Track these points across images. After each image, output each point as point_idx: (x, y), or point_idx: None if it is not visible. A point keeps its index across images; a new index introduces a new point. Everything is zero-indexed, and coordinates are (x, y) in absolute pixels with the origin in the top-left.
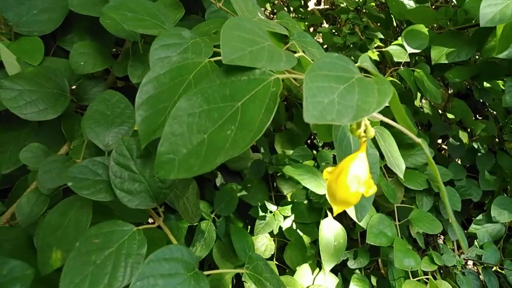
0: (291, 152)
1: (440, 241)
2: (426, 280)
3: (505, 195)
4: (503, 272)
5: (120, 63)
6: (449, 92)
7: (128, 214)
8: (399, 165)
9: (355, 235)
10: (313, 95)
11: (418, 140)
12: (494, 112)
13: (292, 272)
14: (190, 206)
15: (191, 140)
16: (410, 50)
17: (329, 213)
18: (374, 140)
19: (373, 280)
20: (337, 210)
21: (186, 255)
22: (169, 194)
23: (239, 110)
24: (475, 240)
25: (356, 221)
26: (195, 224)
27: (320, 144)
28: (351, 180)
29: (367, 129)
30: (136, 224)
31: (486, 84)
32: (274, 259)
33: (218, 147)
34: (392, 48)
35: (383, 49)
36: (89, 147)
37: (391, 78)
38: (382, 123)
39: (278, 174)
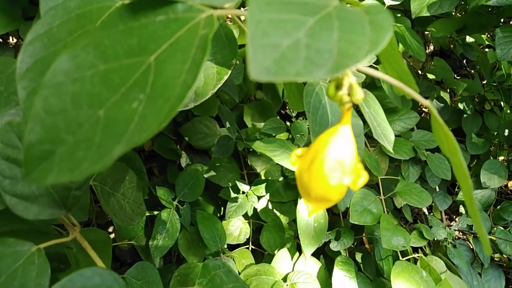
0: (262, 125)
1: (425, 211)
2: (417, 257)
3: (494, 159)
4: (493, 239)
5: (29, 24)
6: (427, 51)
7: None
8: (387, 135)
9: (336, 209)
10: (263, 34)
11: (426, 102)
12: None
13: (271, 256)
14: (129, 204)
15: (79, 120)
16: (389, 2)
17: None
18: (355, 107)
19: (358, 257)
20: (313, 209)
21: (108, 281)
22: (81, 197)
23: (151, 68)
24: (461, 206)
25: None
26: (155, 214)
27: (294, 114)
28: (331, 168)
29: (352, 89)
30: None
31: (468, 40)
32: (250, 244)
33: (119, 130)
34: (368, 2)
35: (358, 4)
36: None
37: None
38: (368, 85)
39: (250, 150)
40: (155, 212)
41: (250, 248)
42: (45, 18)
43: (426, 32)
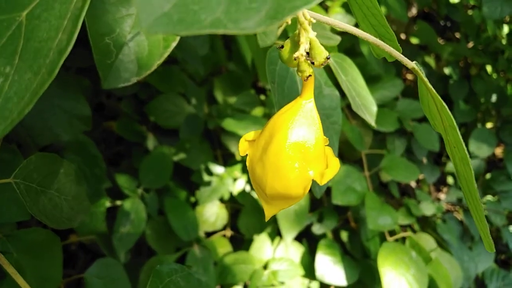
0: (234, 99)
1: (412, 184)
2: (405, 236)
3: (482, 126)
4: (485, 212)
5: None
6: (410, 15)
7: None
8: (368, 106)
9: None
10: None
11: (412, 64)
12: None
13: (251, 242)
14: (67, 201)
15: None
16: None
17: None
18: (331, 75)
19: (344, 236)
20: (270, 211)
21: None
22: None
23: (22, 29)
24: (450, 177)
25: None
26: (118, 204)
27: (269, 87)
28: (289, 155)
29: (313, 49)
30: None
31: (454, 0)
32: (229, 229)
33: None
34: None
35: None
36: None
37: None
38: (345, 51)
39: (223, 129)
40: (118, 202)
41: (229, 234)
42: None
43: None
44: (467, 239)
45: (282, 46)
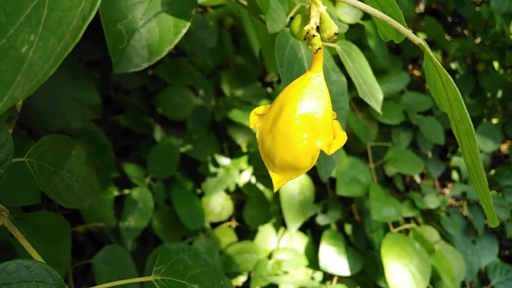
0: (241, 92)
1: (417, 179)
2: (409, 228)
3: (488, 121)
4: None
5: None
6: (418, 11)
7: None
8: (374, 94)
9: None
10: None
11: (418, 39)
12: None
13: (256, 233)
14: (78, 183)
15: None
16: None
17: None
18: (339, 63)
19: (348, 229)
20: (278, 182)
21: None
22: (3, 175)
23: (45, 0)
24: (455, 172)
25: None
26: (126, 193)
27: (276, 79)
28: (298, 126)
29: (323, 23)
30: None
31: None
32: (234, 220)
33: (3, 83)
34: None
35: None
36: None
37: None
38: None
39: (230, 121)
40: (126, 191)
41: (234, 225)
42: None
43: None
44: (471, 233)
45: (293, 18)
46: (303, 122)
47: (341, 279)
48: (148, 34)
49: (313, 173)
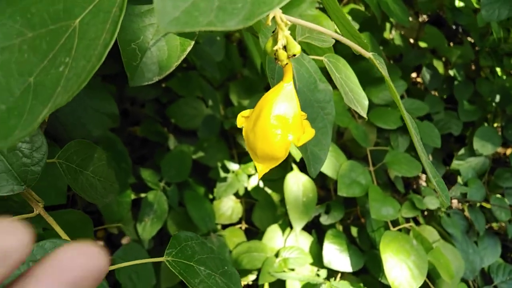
0: (248, 102)
1: (423, 182)
2: (409, 228)
3: (487, 125)
4: (489, 207)
5: None
6: (420, 20)
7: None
8: (360, 100)
9: (328, 184)
10: None
11: (368, 54)
12: (469, 39)
13: (263, 234)
14: (100, 182)
15: (10, 88)
16: None
17: (294, 166)
18: (326, 74)
19: (354, 231)
20: (262, 169)
21: None
22: (40, 172)
23: (76, 31)
24: (458, 176)
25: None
26: (142, 196)
27: None
28: (273, 125)
29: (288, 44)
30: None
31: (459, 4)
32: (243, 222)
33: (47, 94)
34: None
35: None
36: None
37: (354, 5)
38: (354, 55)
39: (238, 129)
40: (143, 195)
41: (243, 227)
42: None
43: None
44: (472, 234)
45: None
46: (277, 121)
47: (344, 277)
48: (158, 52)
49: (317, 179)
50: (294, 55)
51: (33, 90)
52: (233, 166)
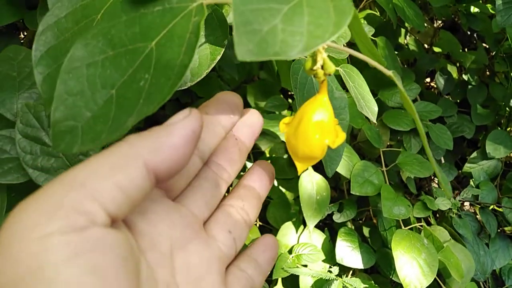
0: (265, 104)
1: (435, 185)
2: (420, 227)
3: (500, 129)
4: (501, 210)
5: (34, 13)
6: (435, 25)
7: None
8: (370, 107)
9: (340, 185)
10: (246, 22)
11: (389, 72)
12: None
13: (277, 232)
14: None
15: (95, 99)
16: None
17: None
18: (341, 82)
19: (366, 231)
20: (301, 167)
21: None
22: None
23: (153, 52)
24: (471, 180)
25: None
26: None
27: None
28: (312, 129)
29: (325, 64)
30: None
31: (474, 10)
32: (258, 220)
33: (130, 105)
34: None
35: None
36: None
37: (370, 11)
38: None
39: None
40: None
41: (258, 225)
42: (53, 10)
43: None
44: (484, 236)
45: (306, 57)
46: (316, 126)
47: (356, 275)
48: None
49: (330, 180)
50: (330, 74)
51: (115, 101)
52: (249, 165)
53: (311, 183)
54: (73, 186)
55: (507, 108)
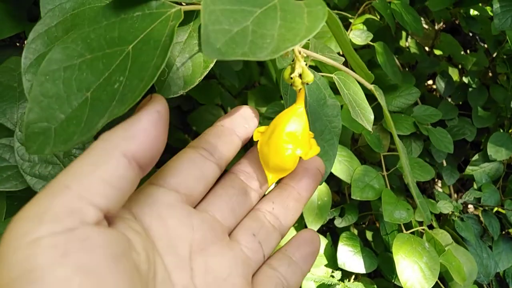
0: (265, 109)
1: (438, 188)
2: (422, 231)
3: (501, 131)
4: (503, 212)
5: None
6: (436, 28)
7: None
8: (366, 115)
9: (342, 189)
10: (215, 21)
11: (370, 86)
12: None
13: None
14: None
15: (70, 101)
16: None
17: None
18: (336, 89)
19: (369, 235)
20: (272, 178)
21: None
22: None
23: (129, 55)
24: (474, 182)
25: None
26: None
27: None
28: (285, 140)
29: (303, 73)
30: None
31: (473, 12)
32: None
33: (103, 107)
34: None
35: None
36: None
37: (369, 15)
38: (369, 62)
39: None
40: None
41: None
42: (44, 19)
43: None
44: (487, 239)
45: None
46: (288, 137)
47: (359, 279)
48: (183, 68)
49: (332, 185)
50: (308, 83)
51: (90, 103)
52: None
53: None
54: (59, 189)
55: (508, 110)
